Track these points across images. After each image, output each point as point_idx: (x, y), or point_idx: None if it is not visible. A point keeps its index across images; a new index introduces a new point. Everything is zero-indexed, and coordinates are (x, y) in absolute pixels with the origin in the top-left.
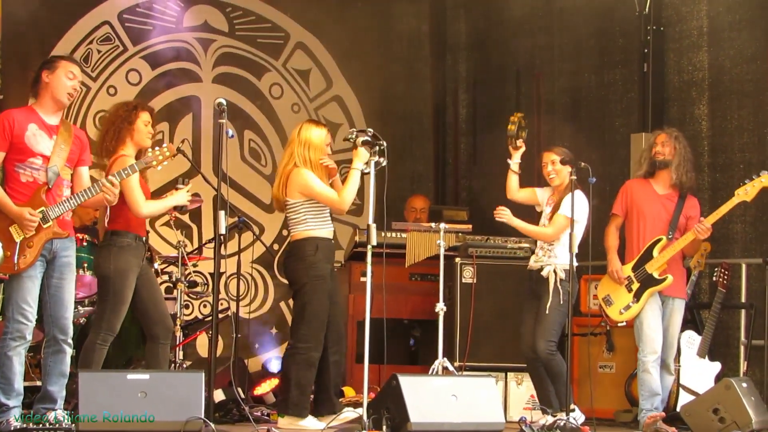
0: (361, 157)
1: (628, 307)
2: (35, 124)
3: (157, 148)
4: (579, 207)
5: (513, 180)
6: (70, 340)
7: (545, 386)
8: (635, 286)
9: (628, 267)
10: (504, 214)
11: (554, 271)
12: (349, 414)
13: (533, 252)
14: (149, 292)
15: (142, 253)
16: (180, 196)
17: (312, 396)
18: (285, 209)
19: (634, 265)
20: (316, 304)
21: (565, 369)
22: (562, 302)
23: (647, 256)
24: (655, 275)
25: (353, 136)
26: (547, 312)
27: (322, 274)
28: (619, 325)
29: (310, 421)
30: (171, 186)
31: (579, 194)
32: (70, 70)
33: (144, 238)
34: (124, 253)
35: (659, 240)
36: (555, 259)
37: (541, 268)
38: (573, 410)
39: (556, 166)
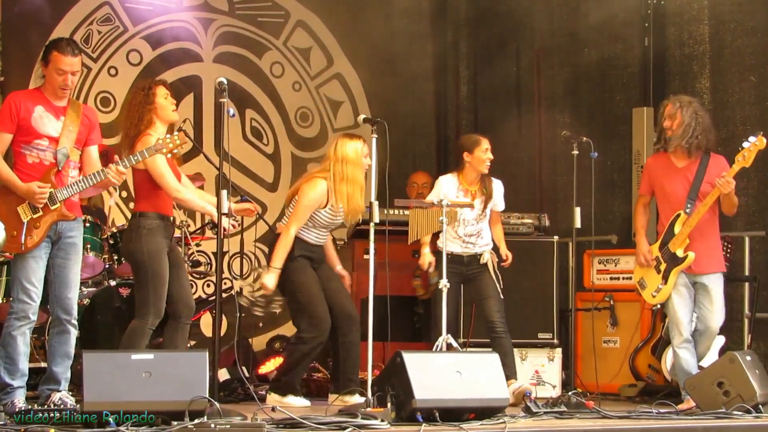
0: (269, 282)
1: (658, 290)
2: (42, 107)
3: (168, 135)
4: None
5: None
6: (74, 321)
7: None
8: (663, 266)
9: (655, 247)
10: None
11: (491, 259)
12: (353, 399)
13: (536, 228)
14: (174, 272)
15: (170, 232)
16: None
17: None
18: (289, 204)
19: (660, 244)
20: (304, 293)
21: None
22: (502, 287)
23: (670, 233)
24: (679, 253)
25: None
26: (501, 295)
27: (299, 265)
28: (654, 309)
29: (295, 399)
30: None
31: (501, 184)
32: (60, 66)
33: (171, 218)
34: (154, 235)
35: (678, 215)
36: (488, 246)
37: (476, 255)
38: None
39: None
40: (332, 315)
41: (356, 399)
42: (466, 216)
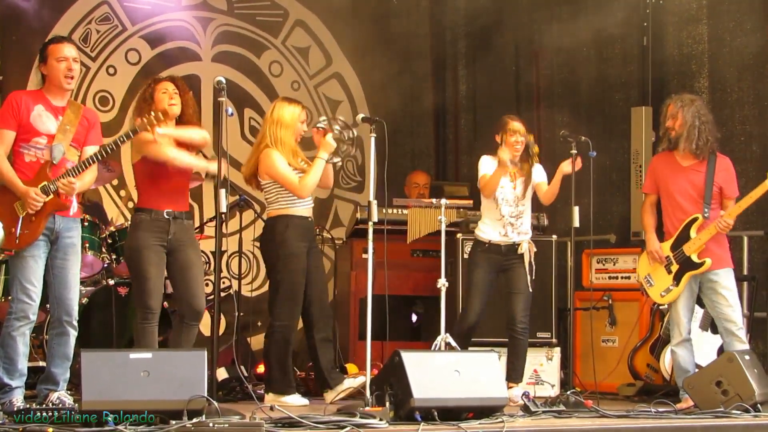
0: (327, 147)
1: (668, 290)
2: (42, 106)
3: (149, 115)
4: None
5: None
6: (75, 322)
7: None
8: (674, 267)
9: (666, 245)
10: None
11: (528, 249)
12: (348, 382)
13: (534, 227)
14: (180, 270)
15: (164, 226)
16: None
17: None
18: (261, 189)
19: (672, 244)
20: (288, 282)
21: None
22: (533, 278)
23: (684, 236)
24: (694, 258)
25: (323, 124)
26: (530, 289)
27: (293, 251)
28: (661, 307)
29: (293, 398)
30: None
31: (540, 166)
32: (59, 55)
33: (166, 212)
34: (137, 230)
35: (696, 219)
36: (527, 235)
37: (514, 244)
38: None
39: (522, 145)
40: (310, 310)
41: (348, 382)
42: (506, 195)
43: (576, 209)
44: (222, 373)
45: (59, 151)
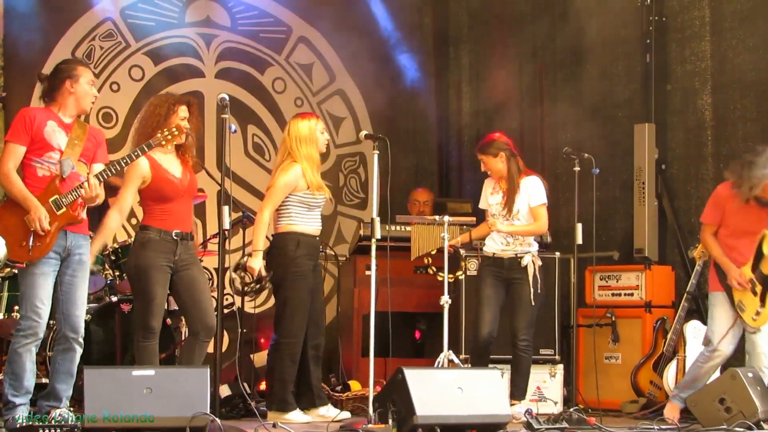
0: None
1: (758, 314)
2: (54, 122)
3: (166, 130)
4: (541, 191)
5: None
6: (81, 339)
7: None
8: (758, 288)
9: (747, 269)
10: (494, 226)
11: (532, 261)
12: (328, 411)
13: (538, 244)
14: (188, 289)
15: (172, 247)
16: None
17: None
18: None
19: (752, 266)
20: (297, 299)
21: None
22: (539, 292)
23: (759, 255)
24: None
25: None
26: (533, 303)
27: (302, 270)
28: (755, 333)
29: (295, 415)
30: None
31: (535, 179)
32: (91, 78)
33: (175, 234)
34: (144, 249)
35: (764, 236)
36: (530, 247)
37: (516, 256)
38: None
39: (488, 165)
40: (307, 327)
41: (329, 410)
42: (495, 211)
43: (579, 226)
44: (225, 390)
45: (68, 165)
